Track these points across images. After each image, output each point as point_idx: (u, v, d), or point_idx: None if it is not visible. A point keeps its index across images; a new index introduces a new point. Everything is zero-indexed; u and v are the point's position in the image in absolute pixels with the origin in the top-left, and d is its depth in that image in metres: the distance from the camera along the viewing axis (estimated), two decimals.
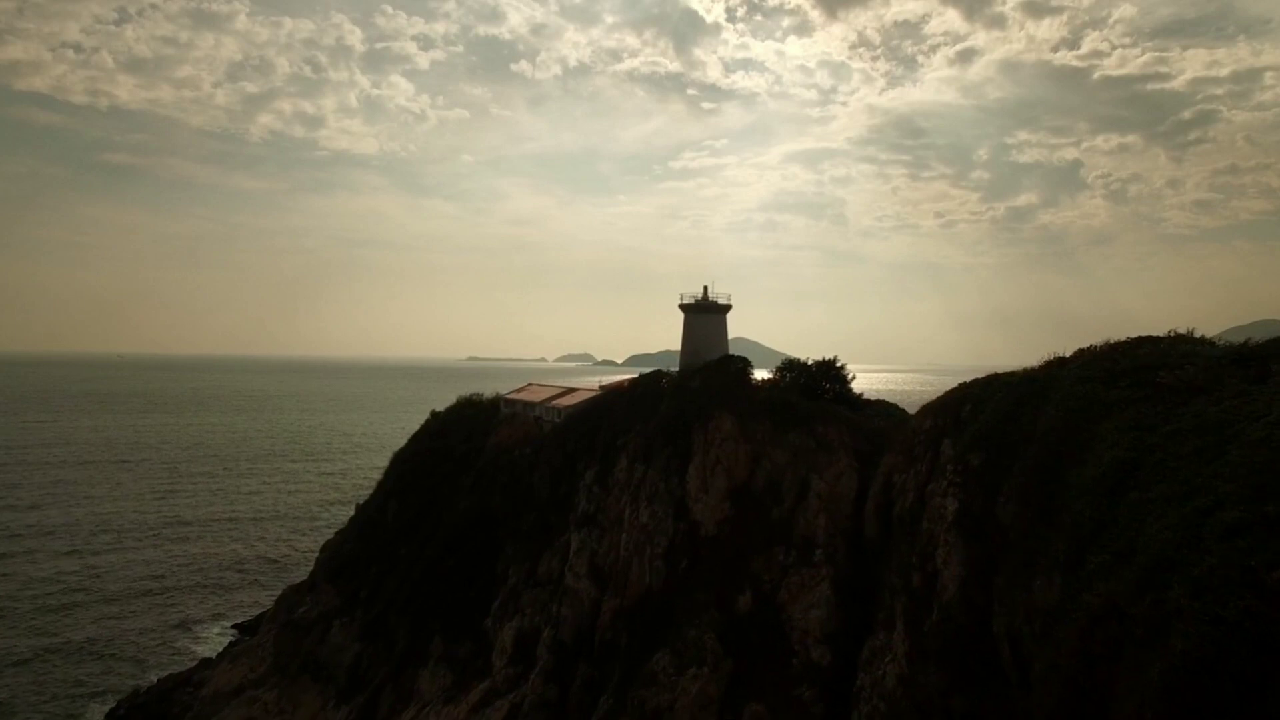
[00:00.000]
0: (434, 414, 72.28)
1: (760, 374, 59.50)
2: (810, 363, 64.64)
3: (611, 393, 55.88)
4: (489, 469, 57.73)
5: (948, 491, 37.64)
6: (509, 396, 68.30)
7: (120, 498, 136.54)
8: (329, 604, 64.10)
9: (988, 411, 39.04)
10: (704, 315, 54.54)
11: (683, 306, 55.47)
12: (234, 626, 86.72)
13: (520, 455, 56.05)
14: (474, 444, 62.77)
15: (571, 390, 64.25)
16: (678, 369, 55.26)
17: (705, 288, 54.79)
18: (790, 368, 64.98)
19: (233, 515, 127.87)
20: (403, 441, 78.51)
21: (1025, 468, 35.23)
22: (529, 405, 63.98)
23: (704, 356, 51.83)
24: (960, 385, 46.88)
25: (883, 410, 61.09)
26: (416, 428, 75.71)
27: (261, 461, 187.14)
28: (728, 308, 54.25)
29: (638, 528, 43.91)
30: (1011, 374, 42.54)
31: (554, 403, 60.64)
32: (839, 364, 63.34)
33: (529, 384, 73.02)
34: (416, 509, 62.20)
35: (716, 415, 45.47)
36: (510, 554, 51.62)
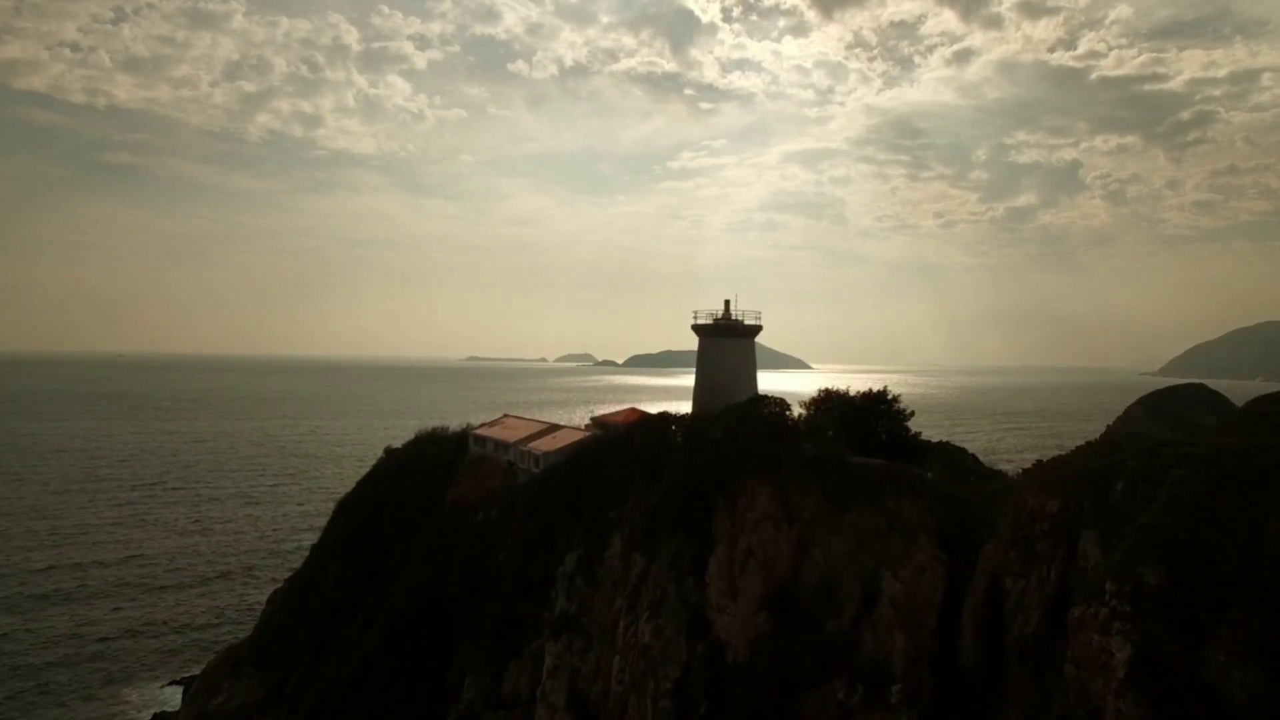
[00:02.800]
0: (389, 451, 59.14)
1: (763, 376, 46.52)
2: (854, 395, 51.68)
3: (603, 436, 43.06)
4: (446, 534, 44.80)
5: (1111, 625, 24.59)
6: (479, 432, 55.38)
7: (81, 527, 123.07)
8: (251, 694, 51.22)
9: (1164, 499, 26.09)
10: (725, 340, 41.06)
11: (698, 328, 42.11)
12: (173, 682, 74.54)
13: (485, 519, 43.13)
14: (433, 494, 49.90)
15: (554, 429, 51.27)
16: (690, 407, 42.32)
17: (727, 303, 41.58)
18: (829, 401, 52.00)
19: (200, 549, 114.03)
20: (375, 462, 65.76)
21: (1260, 603, 22.33)
22: (502, 446, 51.09)
23: (726, 395, 38.81)
24: (1092, 446, 33.85)
25: (951, 459, 48.11)
26: (407, 435, 63.45)
27: (242, 477, 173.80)
28: (756, 329, 40.84)
29: (637, 649, 30.92)
30: (1184, 439, 29.59)
31: (531, 445, 47.72)
32: (891, 396, 50.38)
33: (504, 416, 60.01)
34: (359, 577, 49.38)
35: (748, 484, 32.45)
36: (467, 658, 38.64)
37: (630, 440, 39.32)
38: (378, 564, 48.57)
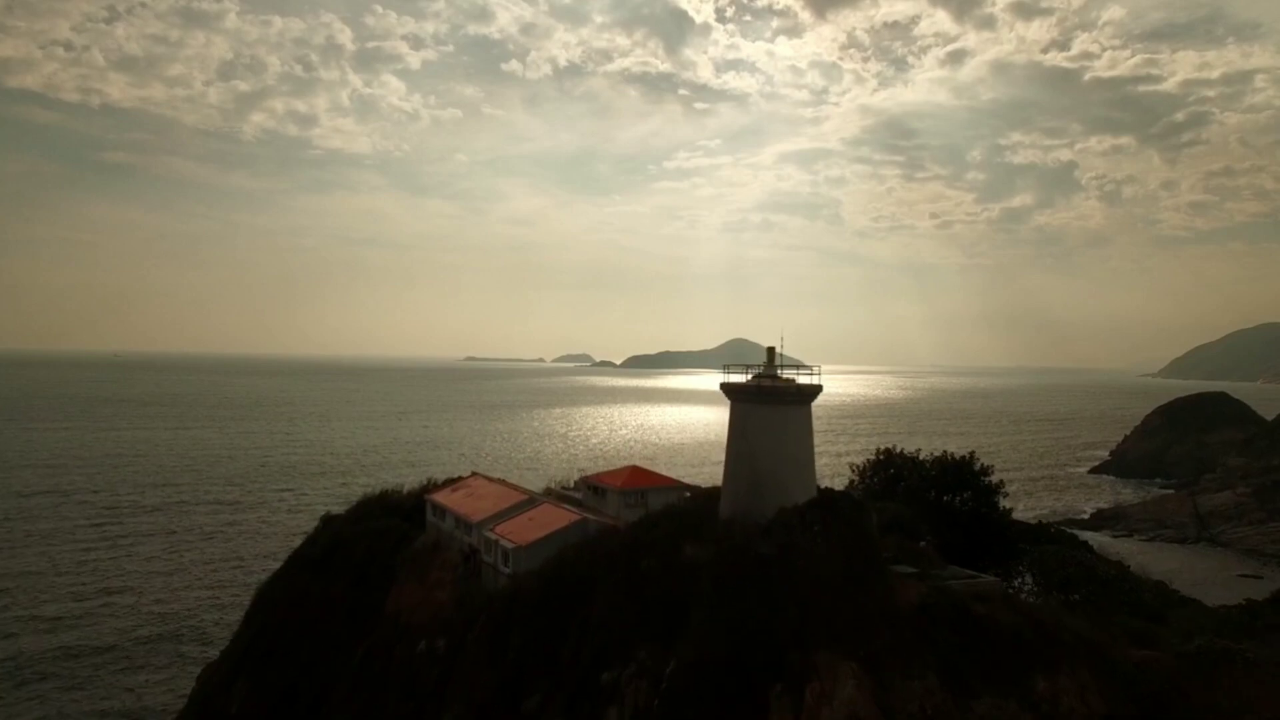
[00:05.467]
0: (326, 520, 46.91)
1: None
2: (926, 459, 39.66)
3: (595, 534, 31.06)
4: (377, 669, 32.66)
5: None
6: (438, 498, 43.22)
7: (21, 570, 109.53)
8: None
9: None
10: (770, 409, 27.95)
11: (730, 390, 29.20)
12: None
13: (429, 651, 31.02)
14: (369, 595, 37.84)
15: (531, 502, 39.07)
16: (721, 495, 29.94)
17: (771, 351, 28.86)
18: (889, 465, 40.03)
19: (152, 598, 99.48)
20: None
21: None
22: (463, 523, 39.03)
23: (773, 490, 26.51)
24: None
25: (1068, 557, 36.06)
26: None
27: (219, 497, 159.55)
28: (814, 392, 28.05)
29: None
30: None
31: (499, 531, 35.67)
32: (977, 462, 38.34)
33: (472, 474, 47.84)
34: (271, 702, 37.36)
35: (820, 660, 20.42)
36: None
37: (633, 546, 27.26)
38: (292, 692, 36.47)
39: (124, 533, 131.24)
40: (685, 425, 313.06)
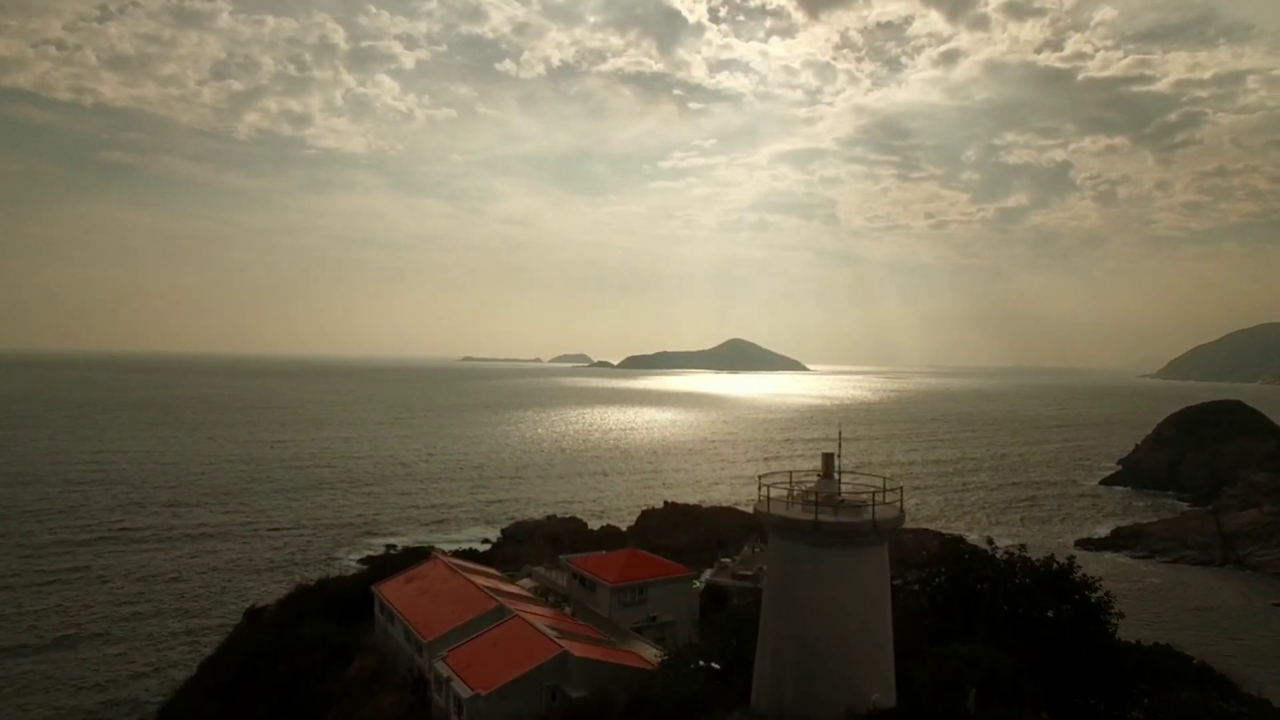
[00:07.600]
0: (251, 616, 38.59)
1: (759, 378, 26.76)
2: (1000, 557, 31.20)
3: (578, 697, 22.66)
4: None
5: None
6: (387, 594, 34.58)
7: None
8: None
9: None
10: (831, 553, 18.41)
11: (771, 521, 18.99)
12: None
13: None
14: None
15: (499, 614, 30.51)
16: (754, 672, 20.91)
17: (829, 458, 19.66)
18: (960, 566, 31.40)
19: (106, 645, 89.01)
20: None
21: None
22: (413, 638, 30.64)
23: (835, 676, 17.60)
24: None
25: (1208, 711, 27.62)
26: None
27: (193, 518, 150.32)
28: (895, 524, 18.67)
29: None
30: None
31: (454, 660, 27.20)
32: (1077, 570, 29.76)
33: (433, 556, 39.13)
34: None
35: None
36: None
37: None
38: None
39: (85, 565, 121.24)
40: (686, 432, 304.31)
